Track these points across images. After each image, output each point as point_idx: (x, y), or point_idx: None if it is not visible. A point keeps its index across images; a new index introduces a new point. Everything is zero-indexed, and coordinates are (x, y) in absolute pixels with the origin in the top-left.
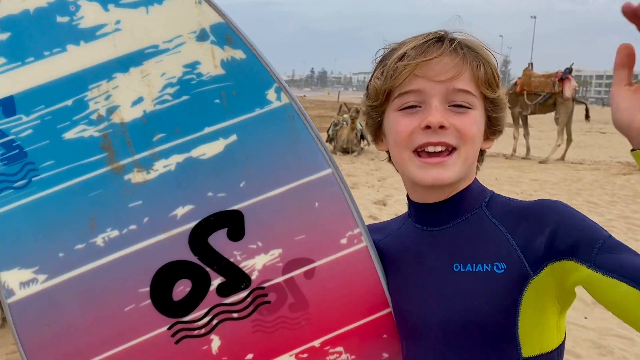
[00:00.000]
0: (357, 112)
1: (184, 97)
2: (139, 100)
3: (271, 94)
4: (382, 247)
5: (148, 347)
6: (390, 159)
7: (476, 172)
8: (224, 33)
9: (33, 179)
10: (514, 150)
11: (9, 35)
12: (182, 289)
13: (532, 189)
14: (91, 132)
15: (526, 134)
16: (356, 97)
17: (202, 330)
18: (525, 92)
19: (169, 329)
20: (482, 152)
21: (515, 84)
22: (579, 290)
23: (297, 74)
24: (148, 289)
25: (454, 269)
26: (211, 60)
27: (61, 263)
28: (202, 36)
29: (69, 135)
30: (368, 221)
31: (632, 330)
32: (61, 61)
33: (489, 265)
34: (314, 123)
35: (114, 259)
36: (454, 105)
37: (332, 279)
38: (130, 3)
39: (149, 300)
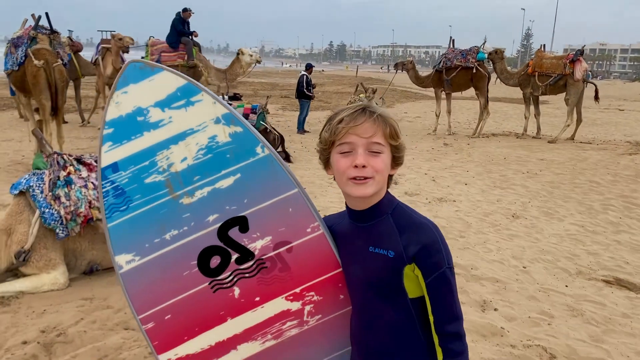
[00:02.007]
0: (374, 92)
1: (209, 155)
2: (184, 159)
3: (258, 149)
4: (334, 231)
5: (198, 294)
6: (334, 179)
7: (388, 187)
8: (230, 118)
9: (130, 205)
10: (525, 130)
11: (113, 130)
12: (215, 261)
13: (537, 168)
14: (159, 178)
15: (537, 114)
16: (375, 71)
17: (228, 284)
18: (536, 73)
19: (209, 284)
20: (391, 176)
21: (527, 65)
22: (567, 262)
23: (316, 48)
24: (196, 262)
25: (369, 249)
26: (223, 133)
27: (147, 250)
28: (217, 120)
29: (148, 180)
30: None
31: (605, 297)
32: (141, 141)
33: (386, 251)
34: (332, 99)
35: (176, 246)
36: (371, 152)
37: (304, 252)
38: (176, 106)
39: (197, 269)
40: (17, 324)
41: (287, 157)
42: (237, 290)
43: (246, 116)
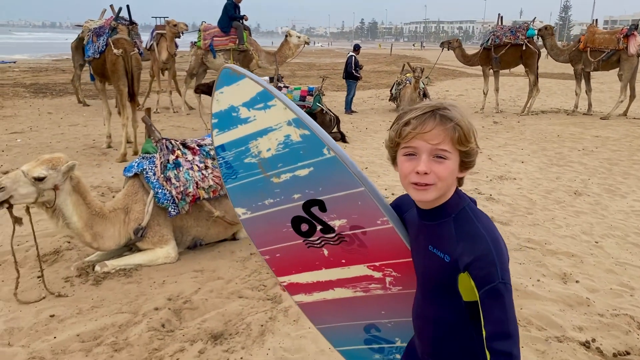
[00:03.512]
0: (422, 71)
1: (287, 149)
2: (269, 149)
3: (325, 150)
4: (406, 219)
5: (295, 246)
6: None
7: (460, 185)
8: (299, 122)
9: (237, 175)
10: (576, 107)
11: (217, 120)
12: (304, 226)
13: (593, 145)
14: (253, 160)
15: (588, 90)
16: (408, 48)
17: (318, 245)
18: (588, 48)
19: (303, 241)
20: (461, 178)
21: (579, 40)
22: (637, 238)
23: (347, 26)
24: (290, 224)
25: (429, 248)
26: (295, 134)
27: (254, 208)
28: (289, 123)
29: (246, 160)
30: None
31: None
32: (237, 131)
33: (443, 254)
34: (371, 78)
35: (273, 210)
36: (436, 156)
37: (378, 238)
38: (258, 108)
39: (291, 229)
40: (144, 292)
41: (342, 137)
42: (325, 251)
43: (303, 98)
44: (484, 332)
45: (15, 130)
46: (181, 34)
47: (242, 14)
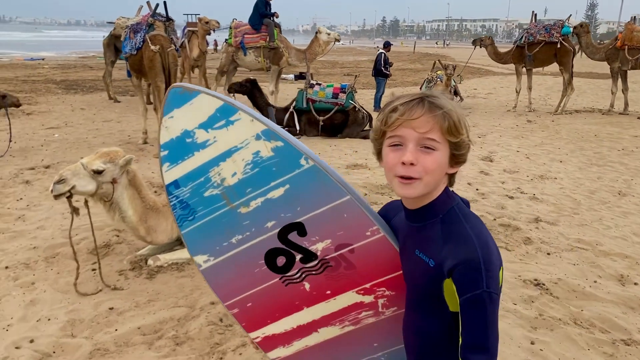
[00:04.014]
0: (454, 69)
1: (256, 169)
2: (234, 173)
3: (302, 161)
4: (394, 224)
5: (270, 288)
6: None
7: (451, 185)
8: (269, 134)
9: (195, 215)
10: (612, 106)
11: (167, 152)
12: (281, 260)
13: (633, 145)
14: (216, 191)
15: (625, 89)
16: (430, 46)
17: (298, 279)
18: (626, 46)
19: (280, 279)
20: (452, 175)
21: (616, 38)
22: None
23: (368, 24)
24: (263, 261)
25: (415, 252)
26: (265, 149)
27: (218, 251)
28: (258, 137)
29: (206, 194)
30: (479, 176)
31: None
32: (193, 160)
33: (428, 259)
34: (396, 76)
35: (243, 248)
36: (423, 147)
37: (368, 253)
38: (218, 126)
39: (265, 267)
40: (199, 286)
41: None
42: (307, 285)
43: (336, 95)
44: (460, 340)
45: (51, 125)
46: (213, 31)
47: (272, 11)
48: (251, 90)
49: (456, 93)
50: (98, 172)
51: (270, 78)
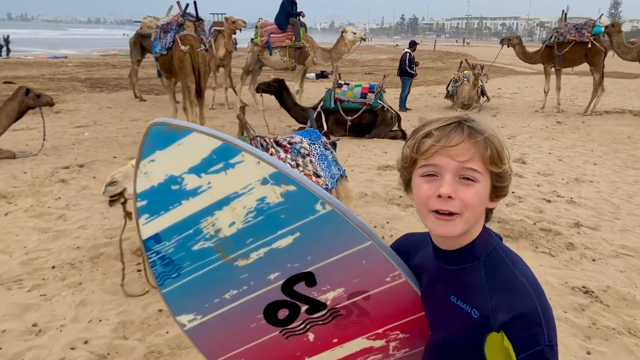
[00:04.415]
0: (482, 68)
1: (260, 217)
2: (233, 223)
3: (318, 206)
4: (417, 263)
5: (268, 342)
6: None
7: (487, 220)
8: (279, 177)
9: (180, 272)
10: None
11: (146, 202)
12: (283, 313)
13: None
14: (208, 244)
15: None
16: (451, 45)
17: (301, 331)
18: None
19: (280, 332)
20: (490, 210)
21: None
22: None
23: (387, 21)
24: (262, 315)
25: (451, 299)
26: (273, 194)
27: (207, 309)
28: (264, 181)
29: (196, 247)
30: (513, 179)
31: None
32: (181, 210)
33: (470, 308)
34: (417, 75)
35: (238, 303)
36: (462, 178)
37: (384, 299)
38: (214, 170)
39: (264, 321)
40: None
41: (403, 135)
42: (311, 335)
43: (364, 95)
44: None
45: (80, 124)
46: (239, 31)
47: (298, 10)
48: (279, 90)
49: (483, 93)
50: None
51: (295, 77)
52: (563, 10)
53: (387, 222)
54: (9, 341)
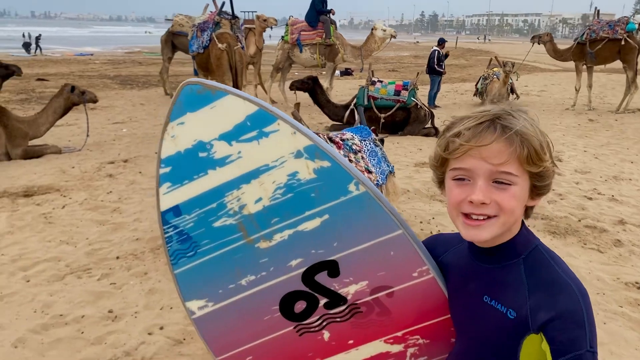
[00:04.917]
0: (513, 65)
1: (289, 195)
2: (259, 199)
3: (351, 187)
4: (446, 260)
5: (281, 337)
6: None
7: (527, 217)
8: (314, 151)
9: (197, 251)
10: None
11: (170, 169)
12: (300, 305)
13: None
14: (230, 221)
15: None
16: (472, 41)
17: (317, 328)
18: None
19: (294, 328)
20: (531, 207)
21: None
22: None
23: (406, 18)
24: (278, 307)
25: (484, 299)
26: (306, 170)
27: (221, 296)
28: (298, 154)
29: (217, 224)
30: None
31: None
32: (206, 181)
33: (506, 309)
34: None
35: (254, 291)
36: (497, 181)
37: (409, 297)
38: (247, 139)
39: (279, 313)
40: None
41: (436, 133)
42: (326, 334)
43: (398, 93)
44: None
45: (116, 120)
46: (270, 29)
47: (329, 8)
48: (312, 87)
49: (512, 90)
50: None
51: (324, 75)
52: (596, 7)
53: (433, 218)
54: (90, 326)
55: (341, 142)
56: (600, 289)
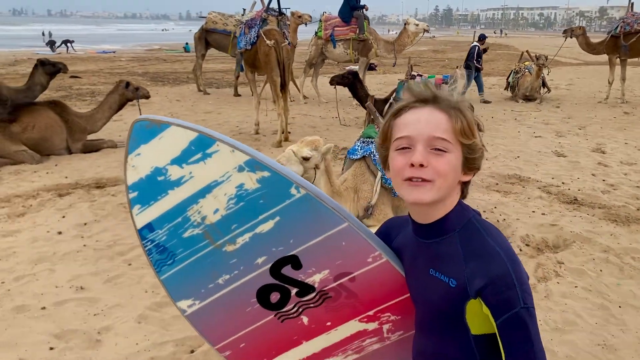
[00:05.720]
0: (546, 59)
1: (241, 204)
2: (217, 210)
3: (293, 190)
4: (398, 242)
5: (265, 326)
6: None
7: (462, 197)
8: (253, 164)
9: (175, 259)
10: None
11: (137, 193)
12: (275, 296)
13: None
14: (197, 231)
15: None
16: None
17: (295, 314)
18: None
19: (275, 316)
20: (466, 183)
21: None
22: None
23: (420, 12)
24: (255, 299)
25: (429, 272)
26: (250, 181)
27: (204, 294)
28: (240, 169)
29: (186, 235)
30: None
31: None
32: (168, 200)
33: (447, 278)
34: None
35: (231, 288)
36: (434, 149)
37: (370, 280)
38: (194, 161)
39: (258, 305)
40: None
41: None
42: (305, 319)
43: (438, 87)
44: None
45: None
46: (305, 25)
47: (362, 3)
48: (352, 82)
49: (544, 84)
50: (306, 159)
51: (358, 69)
52: (630, 0)
53: (495, 207)
54: None
55: None
56: None
